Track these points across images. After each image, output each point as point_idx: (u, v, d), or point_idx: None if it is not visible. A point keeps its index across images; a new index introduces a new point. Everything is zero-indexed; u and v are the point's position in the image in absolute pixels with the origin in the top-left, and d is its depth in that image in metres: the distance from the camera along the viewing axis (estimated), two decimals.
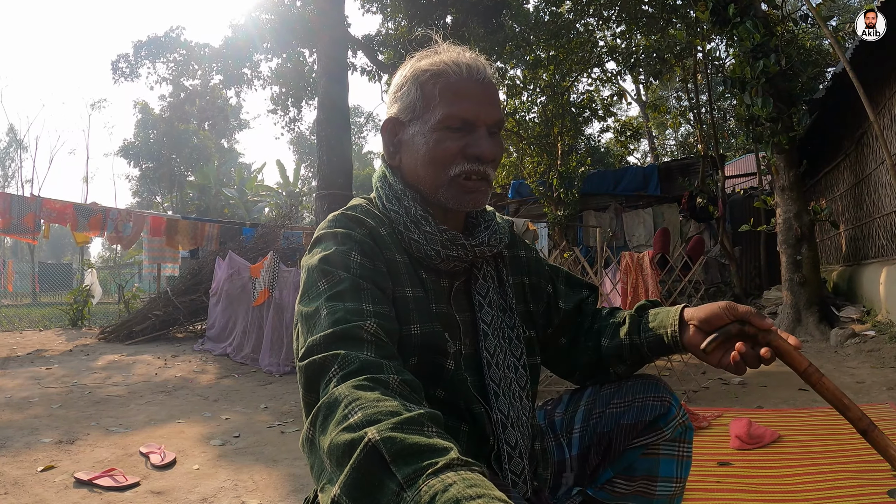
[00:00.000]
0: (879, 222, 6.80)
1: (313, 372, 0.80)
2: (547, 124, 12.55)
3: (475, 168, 1.02)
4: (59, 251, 47.03)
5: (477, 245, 1.06)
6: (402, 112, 1.06)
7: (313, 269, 0.94)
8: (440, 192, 1.03)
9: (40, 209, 8.75)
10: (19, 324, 10.99)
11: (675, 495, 1.13)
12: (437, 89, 1.02)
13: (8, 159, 37.10)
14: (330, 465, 0.68)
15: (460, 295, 1.08)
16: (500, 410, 1.04)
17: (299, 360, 0.84)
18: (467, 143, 1.01)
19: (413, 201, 1.04)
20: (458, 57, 1.04)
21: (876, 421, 0.88)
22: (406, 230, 1.02)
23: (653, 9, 11.83)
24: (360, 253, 0.95)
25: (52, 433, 3.36)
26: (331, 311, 0.86)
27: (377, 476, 0.61)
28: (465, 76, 1.02)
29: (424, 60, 1.06)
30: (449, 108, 1.00)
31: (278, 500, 2.34)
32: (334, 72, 9.11)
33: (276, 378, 5.27)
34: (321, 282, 0.91)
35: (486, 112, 1.02)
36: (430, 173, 1.03)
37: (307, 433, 0.75)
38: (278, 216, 12.28)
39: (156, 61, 18.01)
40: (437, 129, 1.01)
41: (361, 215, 1.01)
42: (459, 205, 1.03)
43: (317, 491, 1.00)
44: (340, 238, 0.96)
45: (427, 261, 1.03)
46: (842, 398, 0.93)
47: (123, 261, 26.92)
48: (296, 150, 36.73)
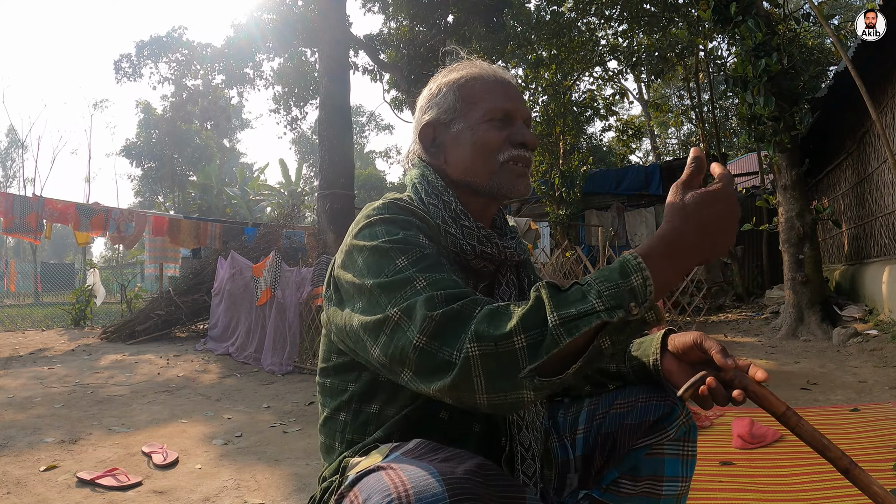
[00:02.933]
0: (882, 221, 6.78)
1: (449, 317, 0.80)
2: (549, 123, 12.56)
3: (521, 154, 1.09)
4: (62, 251, 47.12)
5: (508, 248, 1.11)
6: (441, 114, 1.12)
7: (379, 249, 0.91)
8: (493, 178, 1.08)
9: (43, 209, 8.77)
10: (22, 323, 11.02)
11: (681, 494, 1.13)
12: (476, 89, 1.11)
13: (9, 159, 37.21)
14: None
15: None
16: (516, 413, 1.04)
17: (430, 310, 0.80)
18: (511, 133, 1.09)
19: (453, 197, 1.08)
20: (489, 65, 1.16)
21: (878, 420, 0.88)
22: (444, 224, 1.06)
23: (654, 7, 11.82)
24: (427, 236, 0.97)
25: (54, 433, 3.37)
26: (432, 282, 0.85)
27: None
28: (499, 78, 1.13)
29: (455, 72, 1.15)
30: (491, 103, 1.09)
31: (281, 500, 2.34)
32: (336, 71, 9.12)
33: (279, 378, 5.28)
34: (400, 258, 0.89)
35: (521, 107, 1.12)
36: (481, 162, 1.08)
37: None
38: (280, 216, 12.29)
39: (158, 61, 17.99)
40: (482, 121, 1.09)
41: (407, 205, 1.03)
42: (511, 189, 1.09)
43: (322, 490, 1.00)
44: (402, 222, 0.97)
45: (461, 256, 1.06)
46: (821, 439, 0.94)
47: (125, 261, 26.98)
48: (298, 149, 36.77)
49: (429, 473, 0.73)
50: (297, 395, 4.48)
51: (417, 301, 0.82)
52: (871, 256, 7.25)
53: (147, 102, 30.24)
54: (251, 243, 9.04)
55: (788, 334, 6.16)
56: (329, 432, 1.07)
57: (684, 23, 11.36)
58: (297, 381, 5.11)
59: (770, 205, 6.93)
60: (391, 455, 0.86)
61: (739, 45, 6.39)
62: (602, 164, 20.04)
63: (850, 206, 8.31)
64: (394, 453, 0.86)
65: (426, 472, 0.74)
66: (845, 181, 8.51)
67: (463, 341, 0.77)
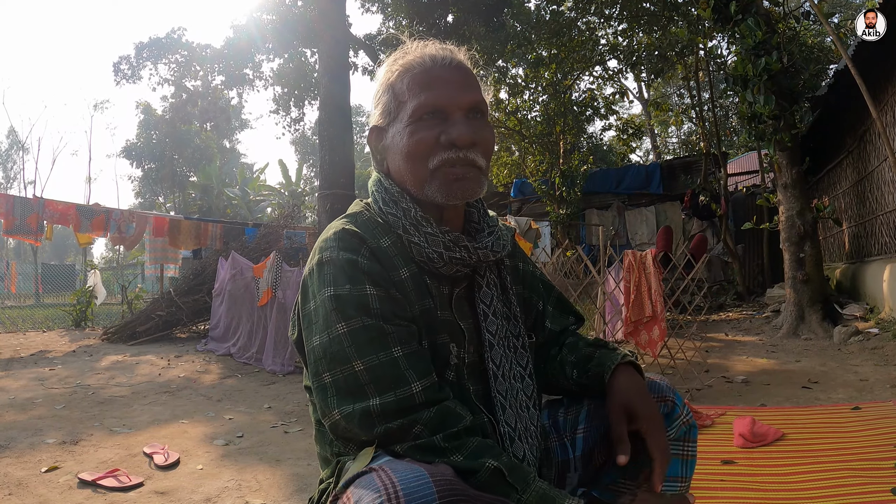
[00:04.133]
0: (882, 219, 6.78)
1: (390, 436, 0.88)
2: (549, 123, 12.56)
3: (454, 155, 0.97)
4: (62, 252, 47.15)
5: (480, 248, 1.03)
6: (380, 117, 1.05)
7: (327, 304, 0.92)
8: (426, 188, 0.99)
9: (43, 210, 8.77)
10: (23, 325, 11.02)
11: (680, 494, 1.13)
12: (405, 85, 1.00)
13: (10, 161, 37.23)
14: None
15: (462, 301, 1.06)
16: (507, 423, 1.03)
17: (346, 407, 0.90)
18: (442, 131, 0.98)
19: (411, 203, 1.01)
20: (422, 50, 1.03)
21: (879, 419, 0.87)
22: (406, 233, 0.99)
23: (654, 6, 11.82)
24: (373, 284, 0.93)
25: (55, 434, 3.37)
26: (369, 367, 0.89)
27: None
28: (430, 65, 1.00)
29: (393, 64, 1.05)
30: (417, 98, 0.98)
31: (282, 500, 2.34)
32: (336, 71, 9.11)
33: (280, 378, 5.28)
34: (340, 324, 0.91)
35: (458, 96, 0.99)
36: (412, 169, 1.00)
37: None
38: (281, 216, 12.29)
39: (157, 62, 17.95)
40: (410, 123, 0.99)
41: (362, 230, 0.98)
42: (448, 196, 0.99)
43: (320, 492, 1.01)
44: (349, 270, 0.93)
45: (429, 265, 1.00)
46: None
47: (126, 261, 26.99)
48: (298, 150, 36.76)
49: (417, 475, 0.75)
50: (298, 395, 4.48)
51: (354, 409, 0.89)
52: (871, 255, 7.25)
53: (147, 103, 30.28)
54: (252, 243, 9.05)
55: (789, 333, 6.16)
56: (321, 444, 1.07)
57: (684, 22, 11.34)
58: (298, 381, 5.10)
59: (771, 203, 6.93)
60: (383, 457, 0.87)
61: (739, 44, 6.39)
62: (602, 163, 20.03)
63: (850, 205, 8.31)
64: (385, 456, 0.87)
65: (415, 474, 0.75)
66: (846, 179, 8.51)
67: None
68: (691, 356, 4.82)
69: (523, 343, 1.11)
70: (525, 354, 1.10)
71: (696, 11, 8.24)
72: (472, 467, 0.84)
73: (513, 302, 1.12)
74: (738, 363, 4.88)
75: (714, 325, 7.63)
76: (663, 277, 4.48)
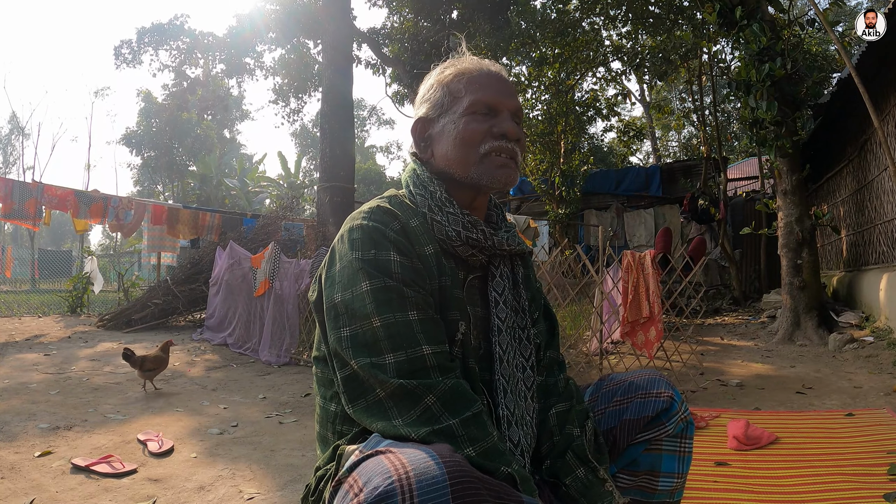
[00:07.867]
0: (881, 228, 6.79)
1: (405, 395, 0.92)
2: (550, 122, 12.54)
3: (503, 145, 1.10)
4: (59, 238, 47.01)
5: (496, 236, 1.12)
6: (430, 110, 1.16)
7: (354, 264, 1.00)
8: (472, 170, 1.10)
9: (42, 195, 8.74)
10: (18, 310, 10.99)
11: (675, 490, 1.16)
12: (462, 84, 1.14)
13: (10, 146, 37.06)
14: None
15: (473, 290, 1.12)
16: (506, 407, 1.05)
17: (362, 359, 0.95)
18: (493, 124, 1.11)
19: (438, 187, 1.11)
20: (478, 62, 1.18)
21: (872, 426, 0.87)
22: (430, 212, 1.09)
23: (659, 9, 11.81)
24: (398, 252, 1.01)
25: (49, 419, 3.36)
26: (386, 325, 0.95)
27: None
28: (486, 72, 1.15)
29: (447, 69, 1.18)
30: (474, 95, 1.12)
31: (275, 489, 2.34)
32: (339, 64, 9.07)
33: (276, 369, 5.28)
34: (364, 283, 0.98)
35: (507, 100, 1.13)
36: (462, 154, 1.11)
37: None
38: (279, 207, 12.27)
39: (159, 48, 17.87)
40: (465, 114, 1.11)
41: (395, 207, 1.07)
42: (492, 180, 1.10)
43: (317, 479, 1.01)
44: (377, 238, 1.01)
45: (448, 243, 1.08)
46: None
47: (123, 249, 26.92)
48: (298, 141, 36.70)
49: (428, 456, 0.75)
50: (294, 386, 4.49)
51: (372, 361, 0.94)
52: (869, 263, 7.27)
53: (148, 91, 30.10)
54: (250, 234, 9.02)
55: (785, 339, 6.17)
56: (323, 422, 1.09)
57: (689, 25, 11.34)
58: (293, 372, 5.11)
59: (770, 209, 6.94)
60: (385, 441, 0.87)
61: (743, 49, 6.38)
62: (602, 164, 20.05)
63: (849, 213, 8.32)
64: (387, 439, 0.87)
65: (426, 455, 0.75)
66: (845, 188, 8.52)
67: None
68: (687, 359, 4.83)
69: (528, 336, 1.14)
70: (529, 346, 1.14)
71: (702, 15, 8.24)
72: (487, 468, 0.87)
73: (522, 296, 1.17)
74: (733, 367, 4.89)
75: (710, 328, 7.65)
76: (661, 279, 4.48)
